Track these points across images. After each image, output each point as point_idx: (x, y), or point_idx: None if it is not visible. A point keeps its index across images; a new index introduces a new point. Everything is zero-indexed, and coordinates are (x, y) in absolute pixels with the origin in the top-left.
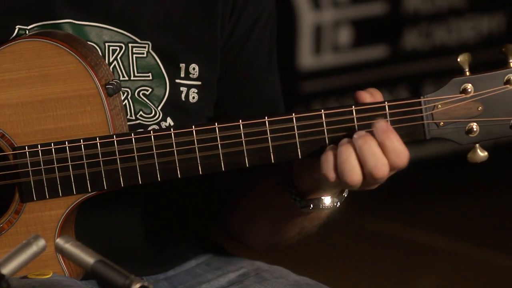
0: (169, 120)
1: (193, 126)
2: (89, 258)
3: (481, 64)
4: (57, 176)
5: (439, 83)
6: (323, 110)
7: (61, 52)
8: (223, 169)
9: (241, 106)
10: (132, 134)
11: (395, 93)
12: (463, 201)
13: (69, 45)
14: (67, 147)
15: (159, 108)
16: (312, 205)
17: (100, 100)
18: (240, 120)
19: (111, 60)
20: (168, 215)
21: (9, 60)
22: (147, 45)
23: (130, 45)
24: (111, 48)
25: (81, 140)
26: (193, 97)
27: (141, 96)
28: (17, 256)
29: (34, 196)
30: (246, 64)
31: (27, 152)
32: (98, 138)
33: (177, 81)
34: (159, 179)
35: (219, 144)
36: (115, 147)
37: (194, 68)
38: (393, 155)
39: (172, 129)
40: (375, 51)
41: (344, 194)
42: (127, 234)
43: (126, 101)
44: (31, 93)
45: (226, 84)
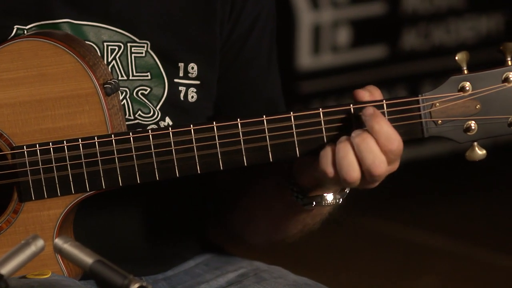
0: (167, 119)
1: (191, 125)
2: (87, 258)
3: (480, 64)
4: (56, 176)
5: (437, 83)
6: (321, 109)
7: (59, 52)
8: (221, 168)
9: (241, 105)
10: (131, 133)
11: (394, 93)
12: (463, 201)
13: (67, 45)
14: (65, 146)
15: (158, 108)
16: (314, 202)
17: (98, 100)
18: (238, 119)
19: (109, 59)
20: (167, 215)
21: (7, 60)
22: (145, 45)
23: (128, 44)
24: (109, 47)
25: (79, 140)
26: (192, 97)
27: (140, 95)
28: (16, 256)
29: (33, 196)
30: (246, 64)
31: (26, 152)
32: (96, 138)
33: (175, 80)
34: (158, 178)
35: (217, 143)
36: (113, 146)
37: (193, 68)
38: (384, 139)
39: (170, 128)
40: (374, 51)
41: (346, 191)
42: (126, 234)
43: (124, 101)
44: (29, 93)
45: (226, 83)
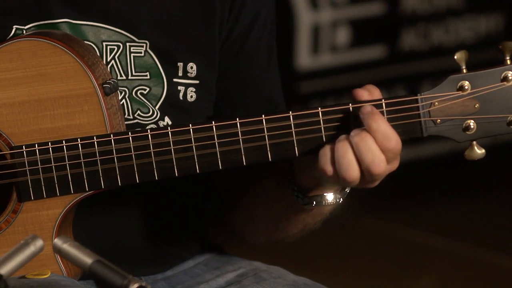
0: (166, 119)
1: (190, 124)
2: (87, 259)
3: (479, 64)
4: (55, 175)
5: (437, 83)
6: (320, 108)
7: (58, 52)
8: (220, 168)
9: (241, 105)
10: (130, 133)
11: (393, 93)
12: (463, 201)
13: (66, 45)
14: (64, 146)
15: (157, 107)
16: (314, 202)
17: (97, 99)
18: (237, 118)
19: (108, 59)
20: (167, 215)
21: (6, 60)
22: (144, 44)
23: (128, 44)
24: (108, 47)
25: (78, 139)
26: (191, 96)
27: (139, 95)
28: (15, 256)
29: (32, 196)
30: (245, 62)
31: (25, 152)
32: (95, 137)
33: (174, 80)
34: (157, 178)
35: (216, 143)
36: (112, 146)
37: (192, 67)
38: (381, 137)
39: (169, 127)
40: (373, 51)
41: (346, 190)
42: (125, 234)
43: (123, 100)
44: (28, 93)
45: (226, 83)
